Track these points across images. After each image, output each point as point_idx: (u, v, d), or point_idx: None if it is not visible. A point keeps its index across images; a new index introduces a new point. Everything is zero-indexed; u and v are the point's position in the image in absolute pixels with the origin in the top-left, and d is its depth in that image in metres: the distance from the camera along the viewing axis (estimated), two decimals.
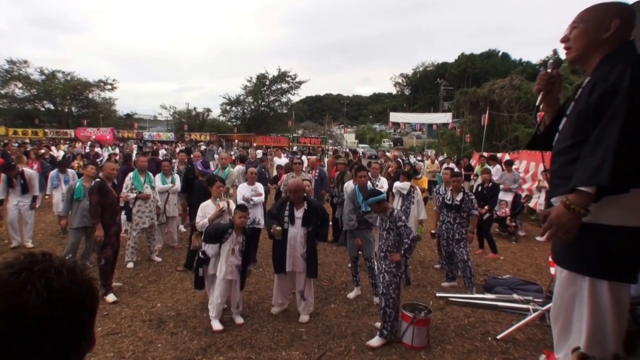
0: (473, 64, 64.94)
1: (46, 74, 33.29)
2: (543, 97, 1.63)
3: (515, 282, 4.46)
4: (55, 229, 6.63)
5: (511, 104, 17.43)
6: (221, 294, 3.44)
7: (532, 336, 3.41)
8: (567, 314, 1.50)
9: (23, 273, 0.61)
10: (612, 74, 1.33)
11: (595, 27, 1.44)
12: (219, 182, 3.95)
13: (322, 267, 5.17)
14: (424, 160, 16.42)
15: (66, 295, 0.62)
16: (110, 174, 4.17)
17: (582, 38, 1.47)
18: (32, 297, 0.59)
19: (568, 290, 1.49)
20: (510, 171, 7.59)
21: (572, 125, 1.48)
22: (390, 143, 42.90)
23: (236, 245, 3.47)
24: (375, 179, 5.52)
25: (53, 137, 25.50)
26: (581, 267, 1.42)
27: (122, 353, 3.01)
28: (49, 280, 0.61)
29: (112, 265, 4.08)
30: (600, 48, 1.45)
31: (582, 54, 1.50)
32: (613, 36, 1.41)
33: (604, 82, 1.35)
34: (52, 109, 34.14)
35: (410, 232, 3.19)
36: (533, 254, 6.29)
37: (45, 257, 0.66)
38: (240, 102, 35.63)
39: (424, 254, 6.04)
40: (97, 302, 0.70)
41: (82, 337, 0.66)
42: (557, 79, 1.61)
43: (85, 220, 4.49)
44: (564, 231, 1.33)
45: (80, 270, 0.68)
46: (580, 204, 1.30)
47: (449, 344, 3.25)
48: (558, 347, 1.60)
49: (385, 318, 3.21)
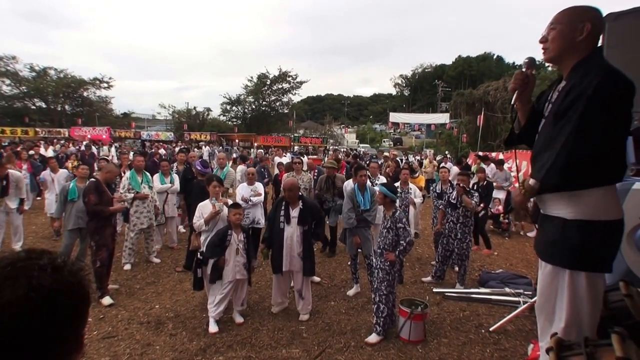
0: (469, 66, 65.26)
1: (37, 71, 31.88)
2: (518, 96, 1.72)
3: (507, 276, 4.58)
4: (47, 231, 6.45)
5: (505, 105, 17.64)
6: (227, 295, 3.45)
7: (522, 327, 3.52)
8: (550, 305, 1.60)
9: (8, 268, 0.61)
10: (583, 82, 1.43)
11: (571, 29, 1.51)
12: (215, 182, 3.91)
13: (322, 265, 5.23)
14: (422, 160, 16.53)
15: (45, 294, 0.60)
16: (111, 177, 4.13)
17: (558, 40, 1.55)
18: (7, 292, 0.58)
19: (551, 283, 1.58)
20: (502, 170, 7.75)
21: (549, 128, 1.58)
22: (390, 143, 43.07)
23: (239, 244, 3.49)
24: (375, 177, 5.59)
25: (45, 136, 24.64)
26: (563, 261, 1.52)
27: (118, 356, 2.97)
28: (29, 277, 0.60)
29: (107, 267, 4.03)
30: (574, 50, 1.53)
31: (558, 54, 1.58)
32: (586, 40, 1.50)
33: (575, 89, 1.45)
34: (43, 107, 32.78)
35: (408, 235, 3.25)
36: (524, 249, 6.45)
37: (38, 255, 0.65)
38: (240, 102, 35.39)
39: (422, 251, 6.12)
40: (86, 304, 0.68)
41: (63, 339, 0.63)
42: (531, 79, 1.70)
43: (80, 222, 4.40)
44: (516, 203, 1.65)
45: (70, 271, 0.65)
46: (528, 189, 1.59)
47: (445, 337, 3.34)
48: (542, 337, 1.69)
49: (378, 314, 3.28)
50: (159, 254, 5.45)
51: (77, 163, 8.50)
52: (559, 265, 1.54)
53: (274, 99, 35.69)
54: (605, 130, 1.37)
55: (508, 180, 7.70)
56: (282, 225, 3.59)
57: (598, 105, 1.36)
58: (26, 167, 7.77)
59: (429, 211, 6.75)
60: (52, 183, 6.32)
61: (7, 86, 31.06)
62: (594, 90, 1.36)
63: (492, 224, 7.55)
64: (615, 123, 1.38)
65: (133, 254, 5.06)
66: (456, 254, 4.55)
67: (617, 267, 1.97)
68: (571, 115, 1.41)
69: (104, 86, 34.22)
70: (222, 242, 3.45)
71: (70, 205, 4.47)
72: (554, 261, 1.57)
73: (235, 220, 3.50)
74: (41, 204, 7.29)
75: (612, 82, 1.38)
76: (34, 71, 31.98)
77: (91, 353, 3.00)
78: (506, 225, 7.39)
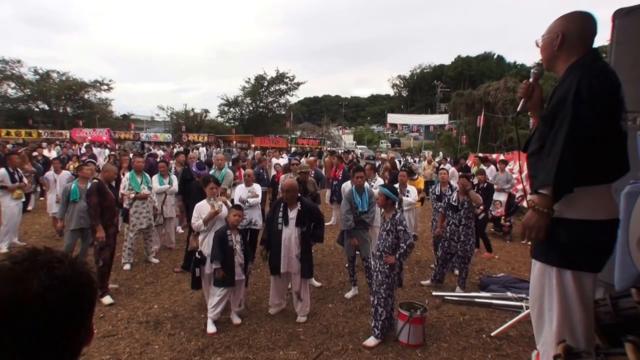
0: (469, 66, 65.33)
1: (40, 74, 32.90)
2: (524, 104, 1.76)
3: (509, 280, 4.53)
4: (49, 231, 6.58)
5: (506, 105, 17.64)
6: (225, 296, 3.45)
7: (524, 333, 3.47)
8: (539, 304, 1.61)
9: (26, 262, 0.63)
10: (565, 83, 1.48)
11: (549, 40, 1.60)
12: (212, 183, 3.94)
13: (320, 267, 5.20)
14: (420, 161, 16.52)
15: (67, 283, 0.64)
16: (110, 177, 4.15)
17: (543, 51, 1.66)
18: (34, 283, 0.61)
19: (540, 281, 1.59)
20: (504, 172, 7.70)
21: (539, 129, 1.61)
22: (388, 144, 43.14)
23: (237, 245, 3.50)
24: (372, 179, 5.55)
25: (48, 137, 25.14)
26: (549, 259, 1.54)
27: (118, 355, 3.00)
28: (51, 269, 0.63)
29: (109, 267, 4.07)
30: (559, 58, 1.60)
31: (547, 64, 1.68)
32: (561, 49, 1.56)
33: (560, 90, 1.49)
34: (46, 109, 33.73)
35: (408, 238, 3.22)
36: (526, 253, 6.37)
37: (47, 251, 0.68)
38: (238, 103, 35.59)
39: (421, 254, 6.09)
40: (96, 293, 0.73)
41: (81, 325, 0.68)
42: (536, 88, 1.73)
43: (82, 222, 4.47)
44: (535, 232, 1.47)
45: (82, 263, 0.71)
46: (542, 204, 1.45)
47: (445, 342, 3.30)
48: (536, 337, 1.71)
49: (377, 316, 3.26)
50: (157, 254, 5.47)
51: (78, 164, 8.58)
52: (546, 263, 1.56)
53: (272, 101, 35.84)
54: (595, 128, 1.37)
55: (509, 182, 7.66)
56: (280, 226, 3.58)
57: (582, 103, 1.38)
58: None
59: (428, 214, 6.71)
60: (54, 183, 6.43)
61: (12, 89, 32.03)
62: (575, 90, 1.39)
63: (493, 227, 7.49)
64: (602, 119, 1.39)
65: (132, 254, 5.09)
66: (459, 256, 4.51)
67: (628, 273, 1.95)
68: (563, 117, 1.42)
69: (104, 89, 34.95)
70: (222, 242, 3.44)
71: (72, 206, 4.54)
72: (542, 259, 1.58)
73: (234, 221, 3.50)
74: (44, 204, 7.40)
75: (590, 78, 1.40)
76: (37, 74, 32.86)
77: (92, 351, 3.02)
78: (507, 228, 7.32)
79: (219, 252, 3.41)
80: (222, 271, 3.41)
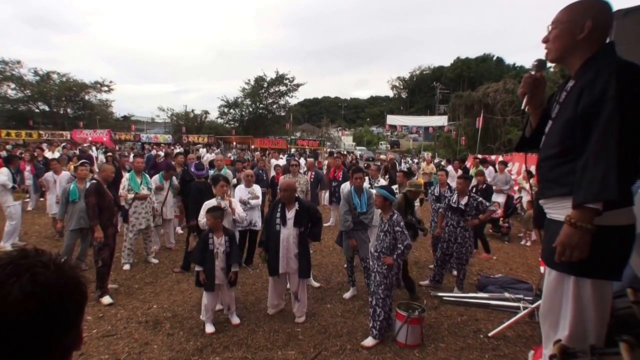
0: (468, 68, 65.44)
1: (41, 75, 32.84)
2: (528, 100, 1.65)
3: (507, 281, 4.54)
4: (49, 231, 6.59)
5: (505, 107, 17.68)
6: (210, 300, 3.44)
7: (522, 333, 3.49)
8: (555, 313, 1.54)
9: (10, 266, 0.61)
10: (598, 82, 1.33)
11: (570, 28, 1.44)
12: (222, 181, 4.05)
13: (318, 267, 5.21)
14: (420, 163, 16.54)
15: (51, 289, 0.61)
16: (107, 176, 4.18)
17: (559, 40, 1.48)
18: (14, 289, 0.58)
19: (557, 290, 1.52)
20: (503, 173, 7.72)
21: (559, 131, 1.48)
22: (387, 145, 43.17)
23: (219, 247, 3.45)
24: (375, 179, 5.57)
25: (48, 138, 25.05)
26: (567, 267, 1.44)
27: (117, 355, 3.01)
28: (34, 274, 0.61)
29: (108, 267, 4.08)
30: (578, 49, 1.45)
31: (561, 55, 1.51)
32: (588, 37, 1.41)
33: (591, 90, 1.35)
34: (46, 110, 33.66)
35: (405, 239, 3.23)
36: (524, 254, 6.40)
37: (36, 253, 0.66)
38: (238, 105, 35.57)
39: (419, 255, 6.11)
40: (85, 300, 0.70)
41: (67, 331, 0.65)
42: (541, 82, 1.62)
43: (81, 222, 4.49)
44: (578, 251, 1.32)
45: (70, 267, 0.68)
46: (586, 219, 1.30)
47: (442, 342, 3.32)
48: (546, 344, 1.64)
49: (375, 317, 3.27)
50: (156, 254, 5.48)
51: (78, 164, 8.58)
52: (563, 272, 1.47)
53: (271, 102, 35.82)
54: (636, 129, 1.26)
55: (508, 183, 7.67)
56: (278, 227, 3.58)
57: (624, 105, 1.26)
58: (29, 168, 7.93)
59: (427, 214, 6.71)
60: (54, 184, 6.45)
61: (12, 90, 31.90)
62: (616, 93, 1.26)
63: (491, 228, 7.51)
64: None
65: (132, 254, 5.10)
66: (455, 258, 4.51)
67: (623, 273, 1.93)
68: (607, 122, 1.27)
69: (104, 90, 34.92)
70: (204, 245, 3.42)
71: (71, 206, 4.56)
72: (559, 267, 1.48)
73: (211, 224, 3.47)
74: (44, 205, 7.41)
75: (631, 77, 1.29)
76: (37, 75, 32.79)
77: (91, 351, 3.03)
78: (505, 230, 7.34)
79: (198, 255, 3.42)
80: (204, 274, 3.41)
